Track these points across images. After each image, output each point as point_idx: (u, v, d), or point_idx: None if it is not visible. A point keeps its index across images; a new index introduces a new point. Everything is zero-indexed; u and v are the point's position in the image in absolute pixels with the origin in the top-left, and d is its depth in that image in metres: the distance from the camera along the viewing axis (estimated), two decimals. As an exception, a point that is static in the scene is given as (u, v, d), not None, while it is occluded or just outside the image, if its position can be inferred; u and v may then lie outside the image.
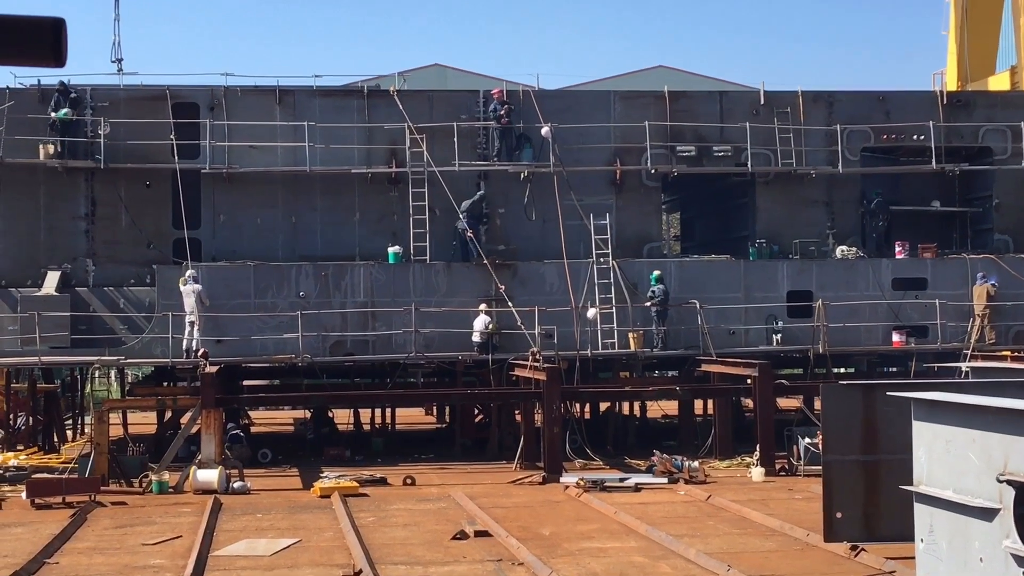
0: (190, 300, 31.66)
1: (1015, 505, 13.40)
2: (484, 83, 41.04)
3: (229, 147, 34.08)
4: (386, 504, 24.83)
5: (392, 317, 33.10)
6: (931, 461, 14.99)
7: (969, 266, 35.44)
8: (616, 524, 22.05)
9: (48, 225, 33.93)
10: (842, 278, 35.22)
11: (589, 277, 33.96)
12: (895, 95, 37.46)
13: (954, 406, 14.67)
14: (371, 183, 34.79)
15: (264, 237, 34.44)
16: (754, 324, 34.49)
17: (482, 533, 20.76)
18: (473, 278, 33.83)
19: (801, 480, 27.27)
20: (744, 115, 36.07)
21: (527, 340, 32.07)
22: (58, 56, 4.78)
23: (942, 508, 14.64)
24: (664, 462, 28.34)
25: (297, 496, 26.48)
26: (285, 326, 32.37)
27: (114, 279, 33.56)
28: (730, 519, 22.45)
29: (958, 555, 14.34)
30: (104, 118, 33.52)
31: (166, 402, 32.39)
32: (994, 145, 37.31)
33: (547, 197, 34.71)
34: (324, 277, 33.27)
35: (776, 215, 36.48)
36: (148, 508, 24.84)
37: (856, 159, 36.61)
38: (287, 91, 35.01)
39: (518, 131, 35.07)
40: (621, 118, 35.67)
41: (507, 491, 26.78)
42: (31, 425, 34.43)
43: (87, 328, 32.53)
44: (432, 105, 35.29)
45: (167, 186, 33.93)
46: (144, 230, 34.08)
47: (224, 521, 22.94)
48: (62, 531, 21.48)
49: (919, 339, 34.78)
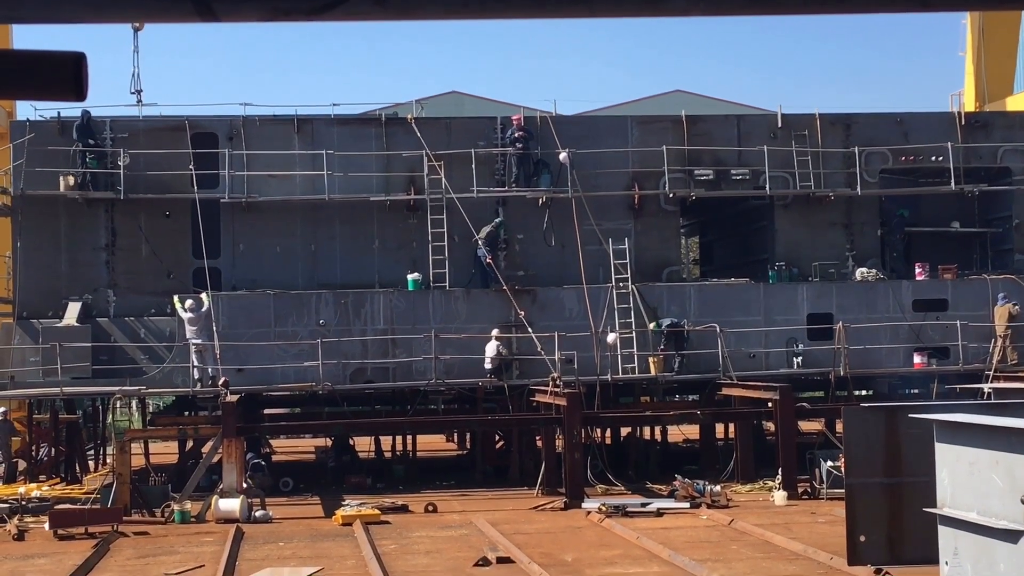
0: (192, 328, 31.64)
1: (1040, 527, 13.32)
2: (501, 110, 41.14)
3: (248, 176, 34.20)
4: (408, 531, 24.80)
5: (412, 344, 33.11)
6: (954, 483, 14.92)
7: (990, 287, 35.29)
8: (639, 549, 21.98)
9: (69, 256, 34.08)
10: (862, 300, 35.10)
11: (608, 302, 33.93)
12: (913, 117, 37.40)
13: (977, 428, 14.61)
14: (390, 211, 34.87)
15: (284, 266, 34.53)
16: (774, 347, 34.39)
17: (504, 560, 20.71)
18: (492, 304, 33.84)
19: (824, 503, 27.14)
20: (762, 138, 36.06)
21: (547, 366, 32.04)
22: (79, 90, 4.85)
23: (966, 530, 14.57)
24: (686, 487, 28.24)
25: (319, 524, 26.46)
26: (305, 354, 32.39)
27: (135, 309, 33.65)
28: (753, 543, 22.36)
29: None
30: (124, 149, 33.68)
31: (187, 431, 32.43)
32: (1013, 165, 37.19)
33: (566, 222, 34.72)
34: (344, 305, 33.31)
35: (795, 238, 36.42)
36: (170, 538, 24.87)
37: (875, 181, 36.55)
38: (305, 120, 35.14)
39: (536, 157, 35.12)
40: (639, 143, 35.69)
41: (529, 517, 26.72)
42: (53, 456, 34.50)
43: (108, 358, 32.61)
44: (450, 132, 35.38)
45: (187, 216, 34.05)
46: (164, 260, 34.18)
47: (246, 550, 22.94)
48: (85, 562, 21.50)
49: (941, 361, 34.62)
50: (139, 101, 34.41)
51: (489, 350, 32.96)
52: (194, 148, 34.11)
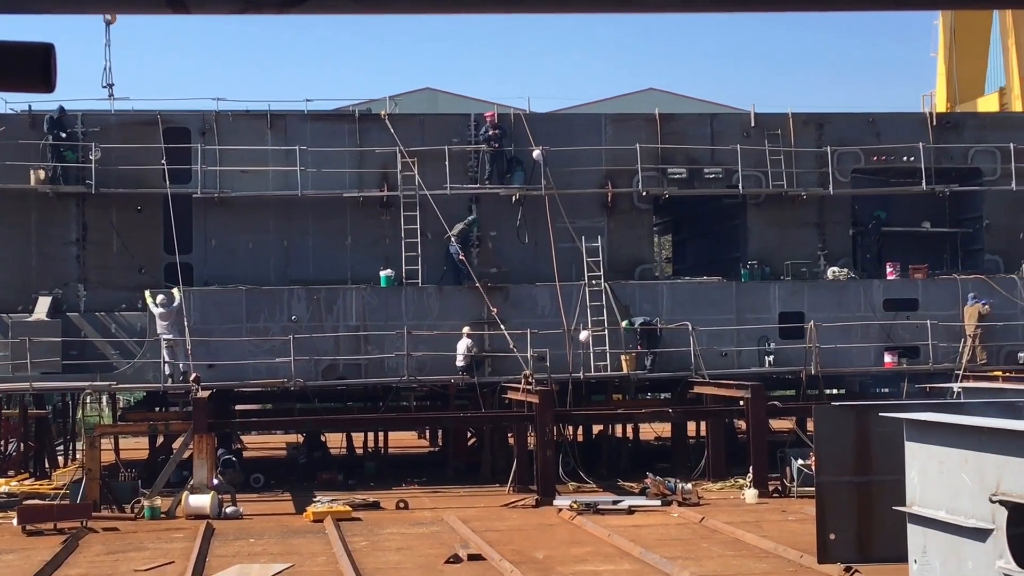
0: (164, 323, 31.56)
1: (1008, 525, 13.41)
2: (475, 107, 41.11)
3: (220, 172, 34.07)
4: (379, 528, 24.76)
5: (384, 341, 33.06)
6: (924, 482, 14.99)
7: (960, 287, 35.48)
8: (610, 547, 22.01)
9: (39, 250, 33.89)
10: (834, 299, 35.24)
11: (581, 299, 33.97)
12: (885, 117, 37.56)
13: (947, 427, 14.68)
14: (363, 207, 34.81)
15: (256, 261, 34.41)
16: (746, 346, 34.50)
17: (475, 557, 20.72)
18: (465, 301, 33.83)
19: (794, 502, 27.23)
20: (735, 137, 36.14)
21: (520, 363, 32.06)
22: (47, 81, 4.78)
23: (935, 529, 14.64)
24: (657, 484, 28.30)
25: (290, 521, 26.39)
26: (277, 350, 32.32)
27: (105, 304, 33.48)
28: (724, 541, 22.41)
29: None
30: (95, 143, 33.50)
31: (158, 427, 32.30)
32: (983, 166, 37.40)
33: (539, 220, 34.73)
34: (316, 301, 33.25)
35: (767, 237, 36.52)
36: (140, 534, 24.75)
37: (847, 180, 36.69)
38: (278, 115, 35.03)
39: (509, 154, 35.13)
40: (612, 141, 35.74)
41: (500, 514, 26.72)
42: (22, 451, 34.34)
43: (78, 353, 32.44)
44: (423, 129, 35.33)
45: (158, 211, 33.91)
46: (135, 255, 34.02)
47: (217, 546, 22.86)
48: (54, 557, 21.39)
49: (911, 360, 34.79)
50: (111, 95, 34.19)
51: (461, 347, 32.94)
52: (166, 143, 33.95)
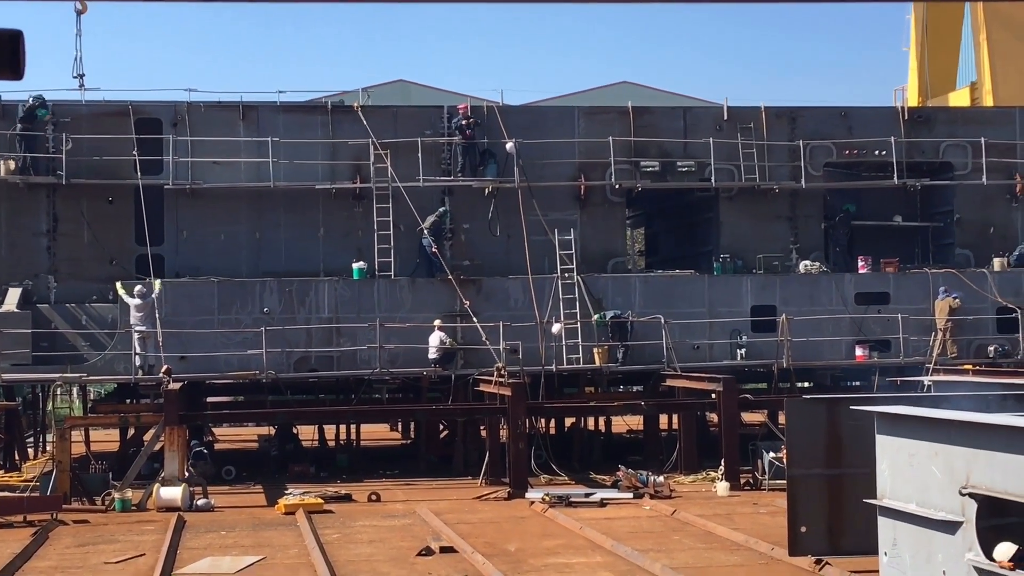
0: (139, 315, 31.46)
1: (977, 518, 13.48)
2: (448, 99, 41.01)
3: (192, 163, 33.93)
4: (351, 521, 24.73)
5: (357, 333, 33.01)
6: (894, 475, 15.06)
7: (931, 280, 35.66)
8: (582, 539, 22.04)
9: (9, 241, 33.70)
10: (805, 293, 35.37)
11: (554, 292, 34.00)
12: (857, 111, 37.69)
13: (917, 420, 14.75)
14: (335, 199, 34.73)
15: (228, 253, 34.31)
16: (718, 339, 34.60)
17: (448, 549, 20.72)
18: (438, 294, 33.80)
19: (766, 494, 27.34)
20: (708, 131, 36.18)
21: (492, 355, 32.07)
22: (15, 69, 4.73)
23: (905, 521, 14.72)
24: (629, 477, 28.35)
25: (261, 513, 26.34)
26: (249, 342, 32.22)
27: (76, 296, 33.33)
28: (695, 534, 22.47)
29: (921, 568, 14.40)
30: (66, 134, 33.30)
31: (129, 419, 32.07)
32: (955, 160, 37.57)
33: (511, 212, 34.73)
34: (288, 293, 33.16)
35: (740, 230, 36.61)
36: (111, 526, 24.66)
37: (819, 174, 36.81)
38: (251, 107, 34.89)
39: (482, 147, 35.10)
40: (585, 133, 35.74)
41: (472, 507, 26.71)
42: (-8, 443, 34.07)
43: (49, 345, 32.29)
44: (396, 121, 35.26)
45: (130, 202, 33.75)
46: (107, 246, 33.87)
47: (188, 539, 22.79)
48: (23, 550, 21.28)
49: (882, 353, 34.97)
50: (81, 86, 33.96)
51: (433, 340, 32.92)
52: (138, 133, 33.78)
